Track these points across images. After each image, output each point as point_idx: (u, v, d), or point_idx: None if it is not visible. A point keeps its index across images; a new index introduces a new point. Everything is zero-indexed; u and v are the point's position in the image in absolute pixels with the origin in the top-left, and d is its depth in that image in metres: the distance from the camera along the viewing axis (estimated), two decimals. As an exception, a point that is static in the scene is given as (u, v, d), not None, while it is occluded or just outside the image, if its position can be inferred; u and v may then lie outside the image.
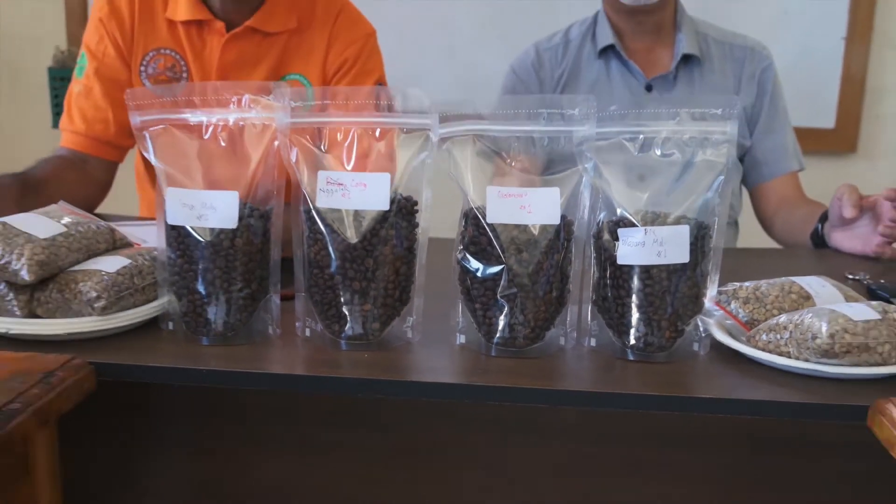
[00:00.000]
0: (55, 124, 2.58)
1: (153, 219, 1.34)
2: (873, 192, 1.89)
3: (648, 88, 1.61)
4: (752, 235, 1.72)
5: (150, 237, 1.09)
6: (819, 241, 1.39)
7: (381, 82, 1.46)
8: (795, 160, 1.64)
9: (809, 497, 0.95)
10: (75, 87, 1.43)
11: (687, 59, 1.61)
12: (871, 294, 1.10)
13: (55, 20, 2.59)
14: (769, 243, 1.65)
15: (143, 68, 1.41)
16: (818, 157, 2.53)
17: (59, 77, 2.51)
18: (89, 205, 1.39)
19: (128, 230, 1.07)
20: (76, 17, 2.57)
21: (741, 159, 1.63)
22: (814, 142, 2.51)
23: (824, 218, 1.39)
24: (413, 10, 2.48)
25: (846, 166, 2.52)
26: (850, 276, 1.17)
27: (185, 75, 1.41)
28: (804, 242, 1.44)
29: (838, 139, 2.51)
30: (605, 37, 1.63)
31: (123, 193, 1.59)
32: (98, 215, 1.30)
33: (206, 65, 1.41)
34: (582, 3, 1.91)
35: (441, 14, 2.49)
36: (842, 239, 1.33)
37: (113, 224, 1.04)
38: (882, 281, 1.12)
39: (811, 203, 1.54)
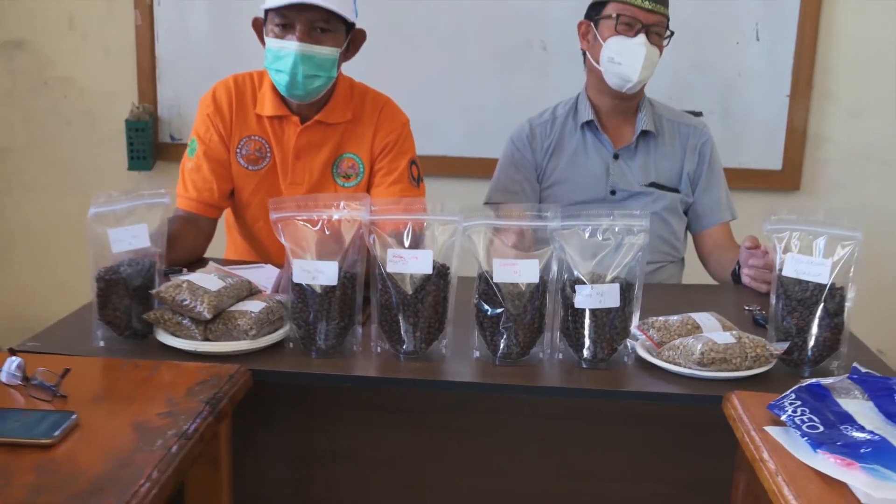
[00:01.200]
0: (131, 167, 3.12)
1: (246, 262, 1.87)
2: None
3: (615, 157, 2.13)
4: (697, 270, 2.25)
5: (255, 278, 1.62)
6: (736, 278, 1.91)
7: (413, 160, 1.98)
8: (728, 212, 2.16)
9: (693, 453, 1.46)
10: (188, 163, 1.95)
11: (645, 134, 2.13)
12: (754, 321, 1.62)
13: (128, 78, 3.10)
14: (709, 277, 2.18)
15: (238, 150, 1.94)
16: (768, 193, 3.05)
17: (134, 128, 3.03)
18: (200, 251, 1.92)
19: (240, 272, 1.60)
20: (146, 76, 3.09)
21: (685, 212, 2.16)
22: (764, 181, 3.04)
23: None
24: (431, 74, 2.99)
25: (791, 201, 3.04)
26: (746, 308, 1.70)
27: (269, 155, 1.94)
28: (728, 279, 1.96)
29: (784, 179, 3.03)
30: (586, 114, 2.14)
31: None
32: (205, 258, 1.85)
33: (285, 148, 1.93)
34: (570, 71, 2.43)
35: (454, 77, 3.00)
36: (746, 279, 1.85)
37: (227, 268, 1.58)
38: (763, 312, 1.64)
39: (737, 248, 2.06)
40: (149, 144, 3.07)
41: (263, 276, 1.76)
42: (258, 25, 1.88)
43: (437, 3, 2.96)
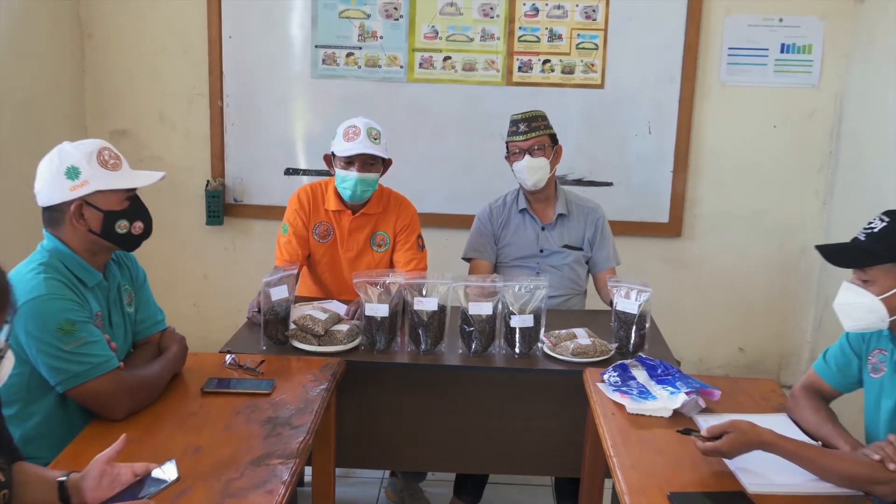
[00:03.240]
0: (208, 223, 4.45)
1: (318, 298, 3.23)
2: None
3: (543, 228, 3.50)
4: (595, 298, 3.63)
5: (332, 308, 2.98)
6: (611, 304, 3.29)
7: (419, 234, 3.33)
8: (613, 262, 3.53)
9: (573, 402, 2.81)
10: (282, 238, 3.29)
11: (561, 215, 3.50)
12: (613, 330, 3.00)
13: (203, 157, 4.44)
14: (601, 305, 3.56)
15: (314, 230, 3.29)
16: (658, 239, 4.45)
17: (211, 195, 4.38)
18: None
19: (322, 305, 2.97)
20: (217, 156, 4.43)
21: (587, 262, 3.54)
22: (656, 230, 4.44)
23: (615, 295, 3.29)
24: (425, 156, 4.36)
25: (675, 245, 4.45)
26: (611, 323, 3.07)
27: (332, 233, 3.29)
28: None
29: (670, 229, 4.43)
30: (522, 203, 3.51)
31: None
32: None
33: (342, 229, 3.28)
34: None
35: (439, 159, 4.38)
36: (616, 306, 3.24)
37: (312, 303, 2.94)
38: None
39: (616, 285, 3.44)
40: (220, 206, 4.41)
41: (333, 307, 3.12)
42: (328, 158, 3.23)
43: (429, 108, 4.34)
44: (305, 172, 4.43)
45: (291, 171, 4.45)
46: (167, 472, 1.78)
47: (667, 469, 2.09)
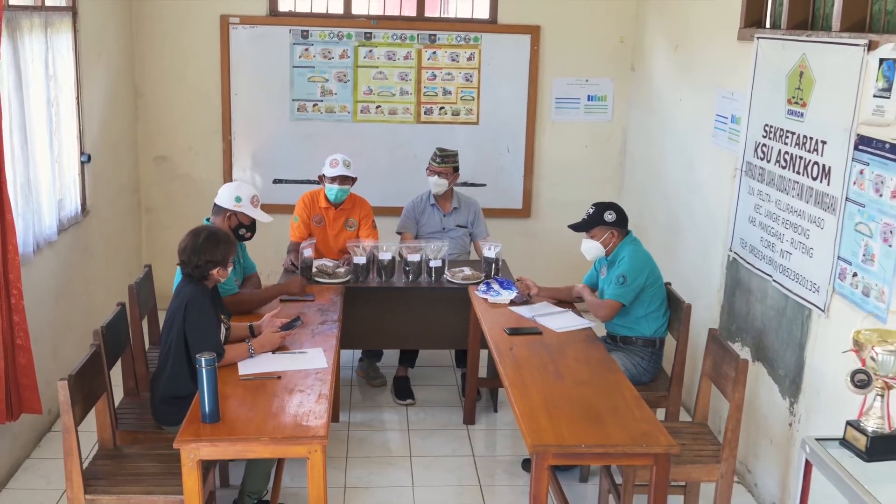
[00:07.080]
0: (225, 216, 7.05)
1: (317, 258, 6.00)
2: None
3: (445, 216, 6.25)
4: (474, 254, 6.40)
5: (328, 262, 5.69)
6: (484, 257, 6.08)
7: (373, 219, 6.02)
8: (485, 234, 6.29)
9: (465, 308, 5.57)
10: (294, 224, 5.92)
11: (455, 208, 6.26)
12: (482, 267, 5.78)
13: (218, 174, 7.00)
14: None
15: (313, 219, 5.95)
16: (515, 219, 7.27)
17: (227, 198, 6.98)
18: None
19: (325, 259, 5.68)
20: (227, 172, 7.00)
21: (470, 235, 6.31)
22: (513, 214, 7.26)
23: (486, 251, 6.07)
24: (370, 169, 7.03)
25: (526, 222, 7.28)
26: (482, 263, 5.85)
27: (323, 220, 5.95)
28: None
29: (523, 212, 7.26)
30: (432, 200, 6.24)
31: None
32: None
33: (329, 217, 5.94)
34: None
35: (379, 170, 7.07)
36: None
37: (321, 259, 5.66)
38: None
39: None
40: (232, 205, 7.00)
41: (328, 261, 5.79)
42: (321, 177, 5.89)
43: (367, 139, 7.05)
44: (287, 182, 7.05)
45: (277, 181, 7.07)
46: (296, 321, 4.45)
47: (505, 321, 4.88)
